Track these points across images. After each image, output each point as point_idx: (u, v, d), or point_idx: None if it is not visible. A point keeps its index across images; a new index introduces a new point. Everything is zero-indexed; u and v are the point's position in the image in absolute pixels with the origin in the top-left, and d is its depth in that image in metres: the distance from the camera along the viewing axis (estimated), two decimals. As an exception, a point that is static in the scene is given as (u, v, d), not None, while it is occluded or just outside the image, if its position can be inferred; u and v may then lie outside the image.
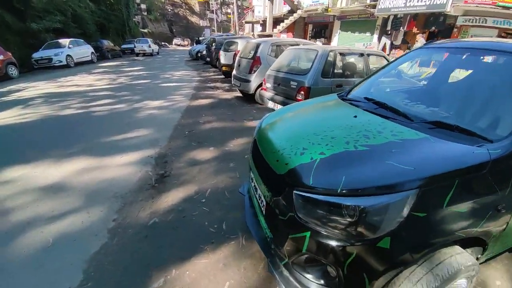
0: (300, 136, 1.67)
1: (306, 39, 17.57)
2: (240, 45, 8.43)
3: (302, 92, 3.98)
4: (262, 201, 1.69)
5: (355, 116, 1.80)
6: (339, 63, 4.20)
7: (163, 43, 31.42)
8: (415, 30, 12.26)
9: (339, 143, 1.50)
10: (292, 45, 6.29)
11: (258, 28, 23.48)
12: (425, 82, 2.31)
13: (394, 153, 1.34)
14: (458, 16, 10.73)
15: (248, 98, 6.62)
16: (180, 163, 3.31)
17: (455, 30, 11.30)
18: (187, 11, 51.86)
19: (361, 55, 4.48)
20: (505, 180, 1.27)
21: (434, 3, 10.42)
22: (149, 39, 23.42)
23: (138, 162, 3.30)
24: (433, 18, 11.42)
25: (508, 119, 1.43)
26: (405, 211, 1.14)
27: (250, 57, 6.18)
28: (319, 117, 1.95)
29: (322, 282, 1.34)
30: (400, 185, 1.16)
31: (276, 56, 6.01)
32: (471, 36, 10.94)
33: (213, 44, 11.83)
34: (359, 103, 2.08)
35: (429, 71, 7.35)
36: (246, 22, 26.47)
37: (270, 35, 14.98)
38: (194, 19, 52.34)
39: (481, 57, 1.90)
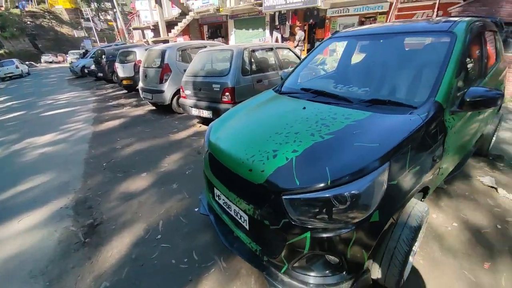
0: (264, 139, 1.60)
1: (204, 39, 17.49)
2: (139, 54, 7.63)
3: (227, 93, 3.91)
4: (241, 216, 1.55)
5: (304, 108, 1.85)
6: (254, 60, 4.32)
7: (27, 62, 25.31)
8: (297, 23, 13.96)
9: (305, 137, 1.50)
10: (199, 47, 6.10)
11: (149, 34, 21.79)
12: (347, 66, 2.61)
13: (357, 134, 1.44)
14: (327, 9, 12.79)
15: (165, 109, 6.09)
16: (110, 202, 2.73)
17: (327, 21, 13.45)
18: (53, 21, 43.08)
19: (271, 49, 4.74)
20: (434, 135, 1.55)
21: (308, -1, 12.06)
22: (15, 60, 19.88)
23: (48, 220, 2.52)
24: (309, 13, 13.23)
25: (420, 86, 1.75)
26: (385, 184, 1.25)
27: (157, 65, 5.65)
28: (271, 115, 1.92)
29: (327, 272, 1.34)
30: (377, 162, 1.25)
31: (185, 61, 5.71)
32: (339, 25, 13.29)
33: (103, 56, 10.27)
34: (298, 94, 2.17)
35: (323, 57, 8.40)
36: (135, 29, 24.17)
37: (167, 40, 14.16)
38: (65, 29, 44.03)
39: (381, 40, 2.28)
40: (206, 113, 4.26)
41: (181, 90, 4.73)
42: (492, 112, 2.65)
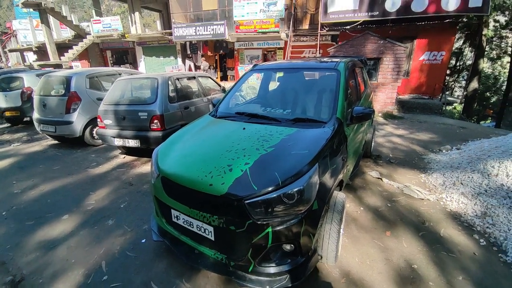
0: (217, 157, 1.83)
1: (108, 65, 16.13)
2: (27, 80, 6.49)
3: (156, 121, 3.90)
4: (205, 229, 1.70)
5: (244, 128, 2.20)
6: (179, 88, 4.48)
7: None
8: (209, 53, 14.80)
9: (252, 151, 1.83)
10: (111, 75, 5.77)
11: (31, 57, 18.38)
12: (267, 93, 3.15)
13: (291, 145, 1.87)
14: (234, 42, 14.15)
15: (73, 143, 5.34)
16: (27, 254, 2.28)
17: (235, 52, 14.82)
18: None
19: (194, 78, 5.01)
20: (340, 142, 2.14)
21: (216, 32, 13.05)
22: None
23: None
24: (219, 44, 14.30)
25: (325, 107, 2.39)
26: (318, 179, 1.69)
27: (60, 94, 4.99)
28: (217, 137, 2.17)
29: (286, 260, 1.64)
30: (310, 164, 1.69)
31: (96, 89, 5.29)
32: (247, 56, 14.87)
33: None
34: (235, 118, 2.52)
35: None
36: (11, 51, 19.88)
37: (59, 65, 12.36)
38: None
39: (291, 73, 2.93)
40: (132, 143, 4.07)
41: (98, 120, 4.35)
42: (368, 124, 3.70)
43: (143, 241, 2.40)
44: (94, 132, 5.22)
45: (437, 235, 2.46)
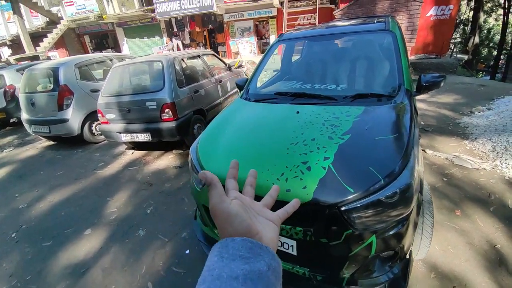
0: (283, 152, 1.47)
1: (88, 52, 14.95)
2: (9, 77, 5.80)
3: (167, 110, 3.44)
4: (283, 243, 1.38)
5: (298, 112, 1.81)
6: (186, 69, 3.96)
7: None
8: (197, 29, 13.74)
9: (325, 141, 1.47)
10: (101, 62, 5.15)
11: (6, 51, 16.87)
12: (302, 66, 2.70)
13: (370, 130, 1.51)
14: (223, 14, 13.10)
15: (72, 142, 4.85)
16: (57, 285, 1.96)
17: (225, 25, 13.80)
18: None
19: (198, 56, 4.46)
20: (415, 118, 1.75)
21: (203, 5, 12.01)
22: None
23: None
24: (207, 18, 13.24)
25: (387, 77, 2.00)
26: (416, 167, 1.35)
27: (49, 89, 4.41)
28: (268, 126, 1.77)
29: (385, 267, 1.36)
30: (407, 151, 1.34)
31: (88, 79, 4.71)
32: (237, 29, 13.89)
33: None
34: (276, 100, 2.11)
35: (240, 60, 8.53)
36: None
37: (36, 57, 11.29)
38: None
39: (333, 40, 2.48)
40: (142, 137, 3.64)
41: (99, 114, 3.86)
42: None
43: (187, 252, 2.10)
44: (93, 127, 4.73)
45: (506, 207, 2.23)
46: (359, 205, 1.19)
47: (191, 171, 1.81)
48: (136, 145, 4.36)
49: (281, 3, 11.32)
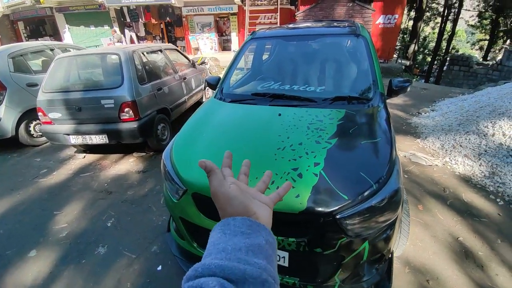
0: (270, 158, 1.39)
1: (21, 40, 12.93)
2: None
3: (127, 109, 3.09)
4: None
5: (280, 114, 1.75)
6: (146, 64, 3.61)
7: None
8: (153, 21, 12.85)
9: (313, 146, 1.43)
10: (39, 51, 4.43)
11: None
12: (275, 66, 2.63)
13: (354, 133, 1.52)
14: (181, 7, 12.48)
15: (5, 146, 4.08)
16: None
17: (184, 19, 13.17)
18: None
19: (160, 51, 4.12)
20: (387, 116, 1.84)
21: (160, -6, 11.28)
22: None
23: None
24: (164, 10, 12.47)
25: (363, 81, 2.05)
26: (400, 169, 1.39)
27: (-29, 82, 3.64)
28: (251, 129, 1.67)
29: (373, 269, 1.38)
30: (392, 155, 1.37)
31: (23, 72, 4.01)
32: (197, 24, 13.37)
33: None
34: (254, 101, 2.02)
35: (202, 56, 8.24)
36: None
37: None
38: None
39: (307, 41, 2.46)
40: (97, 139, 3.21)
41: (39, 113, 3.29)
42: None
43: (159, 268, 1.89)
44: (31, 128, 4.05)
45: (461, 201, 2.49)
46: (354, 212, 1.17)
47: (165, 180, 1.63)
48: (88, 148, 3.86)
49: (242, 1, 11.20)
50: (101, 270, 1.91)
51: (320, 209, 1.17)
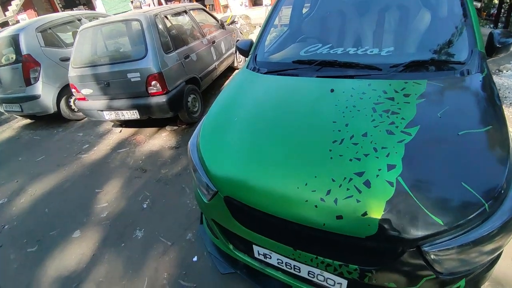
0: (322, 156, 1.03)
1: (57, 11, 13.21)
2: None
3: (154, 82, 2.87)
4: (328, 278, 1.04)
5: (332, 90, 1.34)
6: (171, 29, 3.26)
7: None
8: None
9: (383, 139, 1.03)
10: (67, 22, 4.31)
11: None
12: (323, 22, 2.08)
13: (446, 117, 1.07)
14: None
15: (51, 120, 4.28)
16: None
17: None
18: None
19: (185, 12, 3.69)
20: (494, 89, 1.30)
21: None
22: None
23: None
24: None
25: (451, 38, 1.47)
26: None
27: (11, 61, 3.72)
28: (295, 114, 1.30)
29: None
30: (510, 153, 0.93)
31: (54, 46, 3.97)
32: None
33: None
34: (297, 70, 1.60)
35: (232, 14, 7.58)
36: None
37: (5, 23, 9.87)
38: None
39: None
40: (129, 115, 3.12)
41: (73, 90, 3.26)
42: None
43: (195, 259, 1.79)
44: (71, 103, 4.13)
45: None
46: (451, 245, 0.81)
47: (193, 172, 1.39)
48: (123, 122, 3.84)
49: None
50: (139, 257, 1.88)
51: (397, 236, 0.83)
